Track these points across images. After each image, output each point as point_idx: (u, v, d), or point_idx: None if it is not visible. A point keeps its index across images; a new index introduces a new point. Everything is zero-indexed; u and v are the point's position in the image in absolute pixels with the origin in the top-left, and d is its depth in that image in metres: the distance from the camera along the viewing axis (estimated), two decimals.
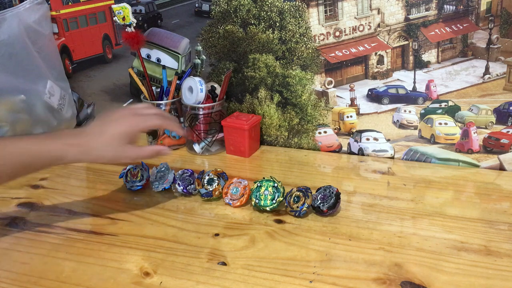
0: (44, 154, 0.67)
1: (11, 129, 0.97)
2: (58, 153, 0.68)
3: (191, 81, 0.98)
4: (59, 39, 1.15)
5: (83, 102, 1.23)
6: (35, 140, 0.68)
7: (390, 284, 0.61)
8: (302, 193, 0.76)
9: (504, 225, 0.73)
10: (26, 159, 0.67)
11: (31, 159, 0.67)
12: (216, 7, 1.01)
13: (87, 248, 0.70)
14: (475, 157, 0.94)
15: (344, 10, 0.94)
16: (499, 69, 0.88)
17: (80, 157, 0.69)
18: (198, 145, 1.03)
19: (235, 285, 0.62)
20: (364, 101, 0.99)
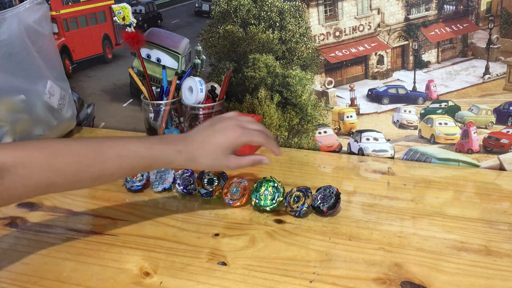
0: (154, 158, 0.68)
1: (11, 129, 0.97)
2: (167, 158, 0.69)
3: (191, 81, 0.98)
4: (59, 39, 1.15)
5: (83, 102, 1.24)
6: (145, 144, 0.68)
7: (390, 284, 0.61)
8: (302, 193, 0.76)
9: (504, 225, 0.73)
10: (136, 161, 0.67)
11: (141, 162, 0.67)
12: (216, 7, 1.01)
13: (87, 248, 0.70)
14: (475, 157, 0.94)
15: (344, 10, 0.94)
16: (499, 69, 0.88)
17: (185, 164, 0.70)
18: None
19: (235, 285, 0.62)
20: (364, 101, 0.99)
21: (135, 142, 0.68)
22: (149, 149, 0.68)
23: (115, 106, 1.21)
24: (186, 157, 0.69)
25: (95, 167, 0.64)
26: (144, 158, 0.67)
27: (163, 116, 1.04)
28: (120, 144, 0.68)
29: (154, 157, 0.68)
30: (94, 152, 0.65)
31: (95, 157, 0.65)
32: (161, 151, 0.69)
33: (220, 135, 0.71)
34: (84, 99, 1.23)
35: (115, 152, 0.66)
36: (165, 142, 0.70)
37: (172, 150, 0.69)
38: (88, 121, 1.25)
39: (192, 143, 0.70)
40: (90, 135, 1.20)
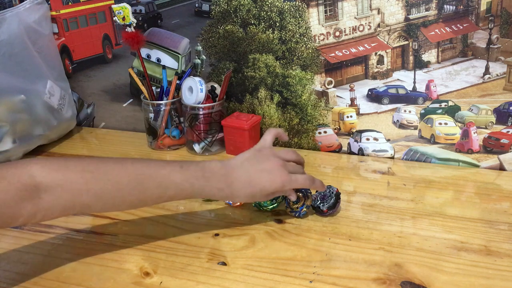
0: (195, 193, 0.67)
1: (11, 129, 0.97)
2: (207, 194, 0.67)
3: (191, 81, 0.98)
4: (59, 39, 1.15)
5: (83, 102, 1.24)
6: (188, 178, 0.66)
7: (390, 284, 0.61)
8: (302, 194, 0.76)
9: (504, 225, 0.73)
10: (176, 194, 0.66)
11: (181, 194, 0.66)
12: (216, 7, 1.01)
13: (87, 248, 0.70)
14: (475, 157, 0.94)
15: (344, 10, 0.94)
16: (499, 69, 0.88)
17: (224, 198, 0.72)
18: (198, 145, 1.03)
19: (235, 285, 0.62)
20: (364, 101, 0.99)
21: (177, 174, 0.65)
22: (191, 184, 0.66)
23: (115, 106, 1.21)
24: (227, 195, 0.68)
25: (134, 196, 0.64)
26: (184, 191, 0.66)
27: (163, 116, 1.04)
28: (162, 175, 0.65)
29: (195, 192, 0.66)
30: (136, 181, 0.63)
31: (135, 187, 0.63)
32: (202, 188, 0.66)
33: (266, 179, 0.68)
34: (84, 99, 1.23)
35: (157, 183, 0.64)
36: (207, 178, 0.66)
37: (214, 188, 0.67)
38: (88, 121, 1.25)
39: (236, 182, 0.67)
40: (90, 135, 1.20)
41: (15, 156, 1.01)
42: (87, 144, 1.15)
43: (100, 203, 0.62)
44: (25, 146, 1.03)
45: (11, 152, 0.99)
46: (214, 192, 0.67)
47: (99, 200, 0.62)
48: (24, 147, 1.03)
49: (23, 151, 1.03)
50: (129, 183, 0.63)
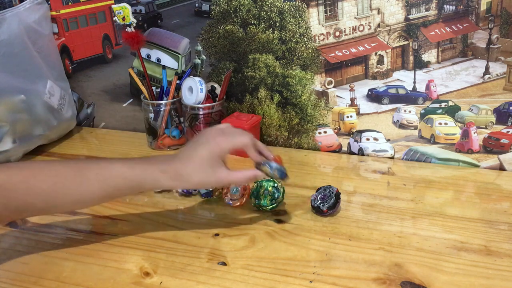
0: (138, 179, 0.66)
1: (11, 129, 0.97)
2: (152, 179, 0.66)
3: (191, 81, 0.98)
4: (59, 39, 1.15)
5: (83, 102, 1.24)
6: (128, 164, 0.66)
7: (390, 284, 0.61)
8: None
9: (504, 225, 0.73)
10: (118, 183, 0.65)
11: (124, 183, 0.65)
12: (216, 7, 1.01)
13: (87, 248, 0.70)
14: (475, 157, 0.94)
15: (344, 10, 0.94)
16: (499, 69, 0.88)
17: (173, 183, 0.67)
18: None
19: (235, 285, 0.62)
20: (364, 101, 0.99)
21: (118, 163, 0.66)
22: (131, 169, 0.65)
23: (115, 106, 1.21)
24: (172, 176, 0.66)
25: (75, 189, 0.63)
26: (126, 179, 0.65)
27: (163, 116, 1.04)
28: (101, 164, 0.65)
29: (138, 178, 0.65)
30: (74, 172, 0.63)
31: (74, 178, 0.63)
32: (144, 171, 0.66)
33: (202, 148, 0.67)
34: (84, 99, 1.23)
35: (96, 172, 0.64)
36: (148, 163, 0.67)
37: (155, 170, 0.66)
38: (88, 121, 1.25)
39: (176, 161, 0.67)
40: (90, 135, 1.20)
41: (15, 156, 1.01)
42: (87, 144, 1.15)
43: (40, 199, 0.62)
44: (25, 146, 1.03)
45: (11, 152, 0.99)
46: (158, 176, 0.66)
47: (38, 196, 0.61)
48: (24, 147, 1.03)
49: (23, 151, 1.03)
50: (68, 175, 0.63)
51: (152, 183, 0.66)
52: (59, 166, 0.65)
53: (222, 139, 0.68)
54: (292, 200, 0.82)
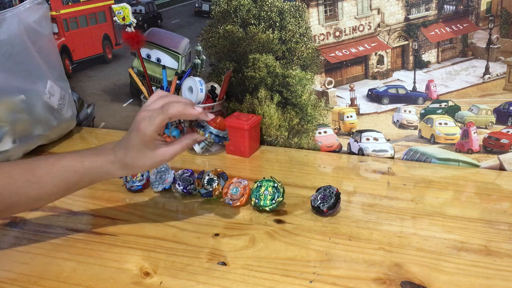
0: (89, 172, 0.66)
1: (11, 129, 0.97)
2: (103, 170, 0.67)
3: (191, 81, 0.98)
4: (59, 39, 1.15)
5: (83, 102, 1.24)
6: (78, 158, 0.67)
7: (390, 284, 0.61)
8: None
9: (504, 225, 0.73)
10: (70, 177, 0.66)
11: (76, 177, 0.66)
12: (216, 7, 1.01)
13: (87, 248, 0.70)
14: (475, 157, 0.94)
15: (344, 10, 0.94)
16: (499, 69, 0.88)
17: (124, 172, 0.68)
18: (198, 145, 1.03)
19: (235, 285, 0.62)
20: (364, 101, 0.99)
21: (67, 157, 0.66)
22: (81, 162, 0.66)
23: (115, 106, 1.21)
24: (120, 166, 0.67)
25: (29, 187, 0.64)
26: (77, 173, 0.66)
27: None
28: (52, 160, 0.66)
29: (88, 170, 0.66)
30: (26, 171, 0.64)
31: (27, 177, 0.64)
32: (93, 163, 0.66)
33: (133, 135, 0.66)
34: (84, 99, 1.23)
35: (47, 169, 0.65)
36: (96, 154, 0.67)
37: (104, 161, 0.67)
38: (88, 121, 1.25)
39: (119, 150, 0.67)
40: (90, 135, 1.20)
41: (15, 156, 1.01)
42: (87, 144, 1.15)
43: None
44: (25, 146, 1.03)
45: (11, 152, 0.99)
46: (108, 167, 0.67)
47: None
48: (24, 147, 1.03)
49: (23, 151, 1.03)
50: (20, 175, 0.64)
51: (104, 175, 0.67)
52: (10, 167, 0.66)
53: (143, 125, 0.65)
54: (292, 200, 0.82)
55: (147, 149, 0.66)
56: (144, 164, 0.67)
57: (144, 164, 0.67)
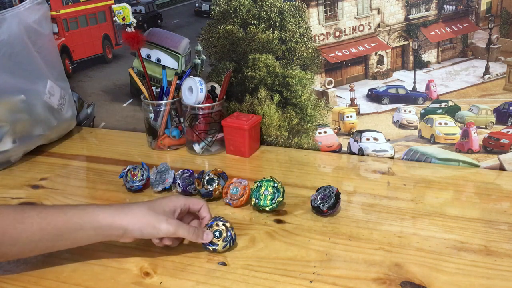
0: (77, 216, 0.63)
1: (11, 129, 0.97)
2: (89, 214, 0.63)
3: (191, 81, 0.98)
4: (59, 39, 1.15)
5: (83, 102, 1.24)
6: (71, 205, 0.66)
7: (390, 284, 0.61)
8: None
9: (504, 225, 0.73)
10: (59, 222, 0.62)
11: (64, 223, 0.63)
12: (216, 7, 1.01)
13: (87, 248, 0.70)
14: (475, 157, 0.94)
15: (344, 10, 0.94)
16: (499, 69, 0.88)
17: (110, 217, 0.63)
18: (198, 145, 1.03)
19: (235, 285, 0.62)
20: (364, 101, 0.99)
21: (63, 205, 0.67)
22: (74, 206, 0.65)
23: (115, 106, 1.21)
24: (116, 209, 0.64)
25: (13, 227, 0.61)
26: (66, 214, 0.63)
27: (163, 116, 1.04)
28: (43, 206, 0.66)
29: (77, 211, 0.63)
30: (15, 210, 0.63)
31: (14, 216, 0.61)
32: (85, 206, 0.65)
33: (158, 198, 0.68)
34: (84, 99, 1.23)
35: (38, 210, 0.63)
36: (96, 204, 0.66)
37: (100, 205, 0.65)
38: (88, 121, 1.25)
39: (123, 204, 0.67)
40: (90, 135, 1.20)
41: (15, 156, 1.01)
42: (87, 144, 1.15)
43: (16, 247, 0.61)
44: (25, 146, 1.03)
45: (11, 152, 0.99)
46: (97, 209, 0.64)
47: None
48: (24, 147, 1.03)
49: (23, 151, 1.03)
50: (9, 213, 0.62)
51: (92, 217, 0.63)
52: (1, 206, 0.64)
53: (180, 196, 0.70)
54: (292, 200, 0.82)
55: (159, 210, 0.65)
56: (144, 216, 0.64)
57: (143, 216, 0.64)
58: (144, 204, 0.66)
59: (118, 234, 0.63)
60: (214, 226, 0.68)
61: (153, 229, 0.63)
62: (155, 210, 0.64)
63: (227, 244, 0.67)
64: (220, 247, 0.67)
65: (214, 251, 0.67)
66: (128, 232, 0.63)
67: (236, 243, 0.69)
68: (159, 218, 0.63)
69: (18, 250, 0.62)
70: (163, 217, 0.64)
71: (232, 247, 0.68)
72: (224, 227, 0.68)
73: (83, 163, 1.04)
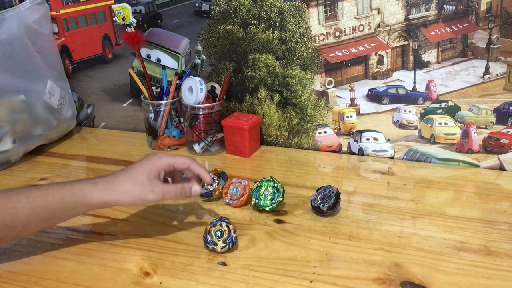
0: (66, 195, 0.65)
1: (11, 129, 0.97)
2: (82, 192, 0.65)
3: (191, 81, 0.98)
4: (59, 39, 1.15)
5: (83, 102, 1.24)
6: (58, 184, 0.66)
7: (390, 284, 0.61)
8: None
9: (504, 225, 0.73)
10: (47, 201, 0.64)
11: (53, 201, 0.64)
12: (216, 7, 1.01)
13: (87, 248, 0.70)
14: (475, 157, 0.94)
15: (344, 10, 0.94)
16: (499, 69, 0.88)
17: (104, 194, 0.65)
18: (198, 145, 1.03)
19: (235, 285, 0.62)
20: (364, 101, 0.99)
21: (49, 185, 0.66)
22: (60, 186, 0.65)
23: (115, 106, 1.21)
24: (103, 186, 0.65)
25: (5, 213, 0.62)
26: (55, 196, 0.64)
27: (163, 116, 1.04)
28: (32, 187, 0.66)
29: (67, 193, 0.64)
30: (3, 196, 0.63)
31: (4, 202, 0.62)
32: (72, 185, 0.66)
33: (141, 162, 0.68)
34: (84, 99, 1.23)
35: (25, 194, 0.64)
36: (79, 180, 0.67)
37: (86, 183, 0.66)
38: (88, 121, 1.25)
39: (110, 175, 0.67)
40: (90, 135, 1.20)
41: (15, 156, 1.01)
42: (87, 144, 1.15)
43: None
44: (25, 146, 1.03)
45: (11, 152, 0.99)
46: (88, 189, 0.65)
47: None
48: (24, 147, 1.03)
49: (23, 151, 1.03)
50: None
51: (82, 197, 0.65)
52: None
53: (163, 155, 0.69)
54: (292, 200, 0.82)
55: (144, 177, 0.66)
56: (132, 189, 0.65)
57: (130, 188, 0.65)
58: (128, 175, 0.67)
59: (109, 207, 0.68)
60: (218, 226, 0.68)
61: (141, 200, 0.66)
62: (140, 181, 0.66)
63: (226, 245, 0.67)
64: (218, 248, 0.67)
65: (213, 250, 0.67)
66: (119, 204, 0.67)
67: (237, 245, 0.69)
68: (144, 189, 0.66)
69: (17, 232, 0.64)
70: (148, 187, 0.66)
71: (231, 249, 0.68)
72: (227, 228, 0.68)
73: (83, 163, 1.04)
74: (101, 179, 0.67)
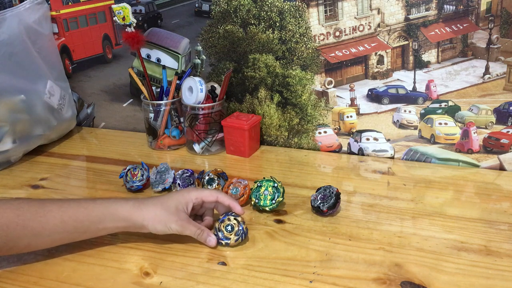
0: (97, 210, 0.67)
1: (11, 129, 0.97)
2: (113, 207, 0.67)
3: (191, 81, 0.98)
4: (59, 39, 1.15)
5: (83, 102, 1.24)
6: (92, 199, 0.69)
7: (390, 284, 0.61)
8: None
9: (504, 225, 0.73)
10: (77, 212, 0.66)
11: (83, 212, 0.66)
12: (216, 7, 1.01)
13: (87, 248, 0.70)
14: (475, 157, 0.94)
15: (344, 10, 0.94)
16: (499, 69, 0.88)
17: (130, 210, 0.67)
18: (198, 145, 1.03)
19: (235, 285, 0.62)
20: (364, 101, 0.99)
21: (81, 199, 0.68)
22: (93, 200, 0.68)
23: (115, 106, 1.21)
24: (133, 204, 0.68)
25: (35, 221, 0.63)
26: (87, 208, 0.66)
27: (163, 116, 1.04)
28: (64, 199, 0.68)
29: (97, 206, 0.67)
30: (35, 204, 0.65)
31: (36, 208, 0.64)
32: (104, 199, 0.69)
33: (173, 193, 0.71)
34: (84, 99, 1.23)
35: (58, 204, 0.66)
36: (113, 198, 0.70)
37: (118, 199, 0.69)
38: (88, 121, 1.25)
39: (143, 198, 0.70)
40: (90, 135, 1.20)
41: (15, 156, 1.01)
42: (87, 144, 1.15)
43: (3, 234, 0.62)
44: (25, 146, 1.03)
45: (11, 152, 0.99)
46: (120, 203, 0.67)
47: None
48: (24, 147, 1.03)
49: (23, 151, 1.03)
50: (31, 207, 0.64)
51: (112, 210, 0.67)
52: (21, 200, 0.67)
53: (192, 188, 0.73)
54: (292, 200, 0.82)
55: (172, 207, 0.68)
56: (157, 215, 0.67)
57: (157, 214, 0.67)
58: (158, 201, 0.69)
59: (135, 227, 0.68)
60: (226, 221, 0.69)
61: (164, 227, 0.67)
62: (168, 209, 0.68)
63: (239, 237, 0.68)
64: (232, 241, 0.68)
65: (226, 245, 0.68)
66: (144, 227, 0.68)
67: (247, 237, 0.71)
68: (170, 218, 0.67)
69: (41, 242, 0.65)
70: (173, 217, 0.67)
71: (244, 241, 0.70)
72: (236, 221, 0.69)
73: (83, 163, 1.04)
74: (133, 198, 0.70)
